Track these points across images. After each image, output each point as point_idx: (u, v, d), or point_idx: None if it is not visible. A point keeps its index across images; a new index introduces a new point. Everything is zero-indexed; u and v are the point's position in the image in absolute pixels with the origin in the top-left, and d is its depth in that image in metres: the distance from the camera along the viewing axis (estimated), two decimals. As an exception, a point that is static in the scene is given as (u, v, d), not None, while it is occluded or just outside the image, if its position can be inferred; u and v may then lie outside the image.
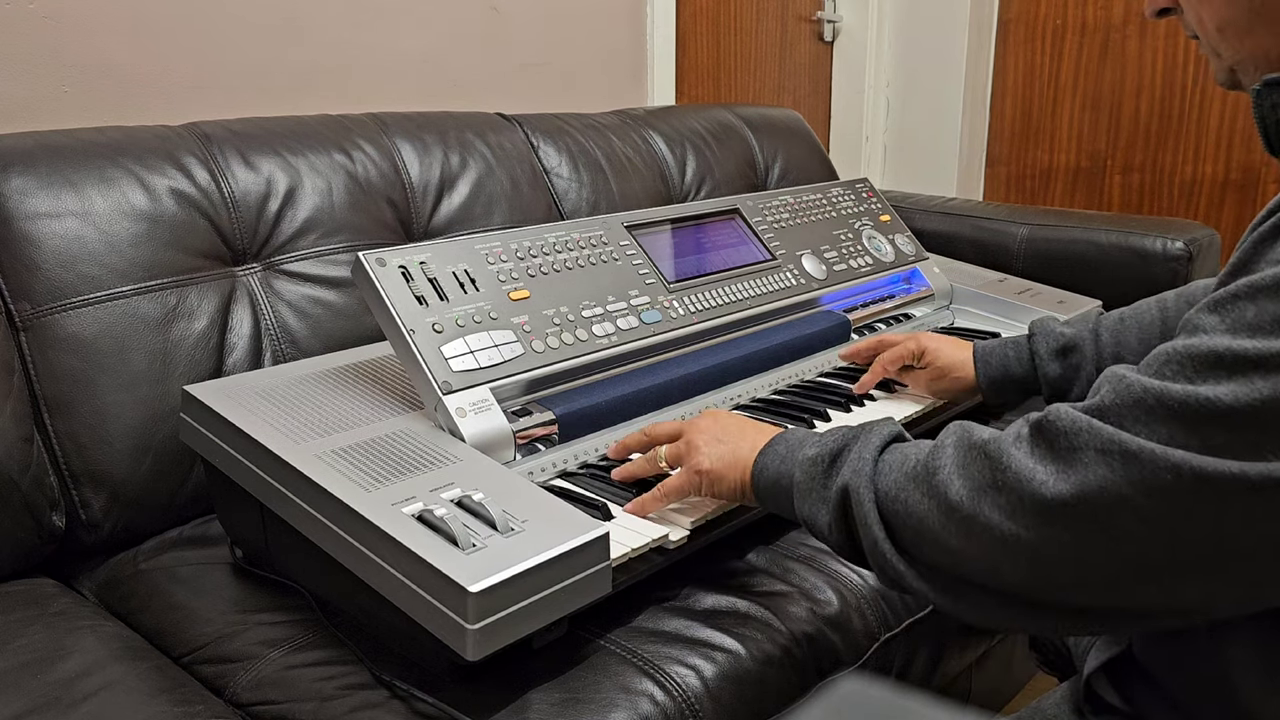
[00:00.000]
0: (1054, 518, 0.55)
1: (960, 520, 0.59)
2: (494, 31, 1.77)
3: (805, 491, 0.71)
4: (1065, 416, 0.56)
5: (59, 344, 1.00)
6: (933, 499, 0.61)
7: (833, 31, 2.75)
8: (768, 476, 0.76)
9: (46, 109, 1.25)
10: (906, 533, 0.63)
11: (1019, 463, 0.57)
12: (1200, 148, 2.48)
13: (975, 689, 1.18)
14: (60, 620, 0.85)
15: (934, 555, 0.62)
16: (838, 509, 0.68)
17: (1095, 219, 1.79)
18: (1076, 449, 0.54)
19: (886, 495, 0.64)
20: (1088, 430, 0.54)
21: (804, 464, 0.72)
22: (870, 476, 0.66)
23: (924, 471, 0.62)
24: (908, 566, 0.63)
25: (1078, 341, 1.03)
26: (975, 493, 0.58)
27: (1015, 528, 0.56)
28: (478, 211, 1.39)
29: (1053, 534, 0.55)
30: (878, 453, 0.67)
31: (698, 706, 0.76)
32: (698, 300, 1.12)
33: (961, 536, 0.59)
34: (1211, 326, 0.53)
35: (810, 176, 1.96)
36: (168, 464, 1.04)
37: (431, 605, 0.67)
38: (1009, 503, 0.57)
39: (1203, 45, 0.69)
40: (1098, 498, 0.53)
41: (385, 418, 0.87)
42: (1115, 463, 0.52)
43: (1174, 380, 0.52)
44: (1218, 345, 0.51)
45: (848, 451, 0.69)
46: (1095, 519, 0.53)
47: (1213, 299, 0.54)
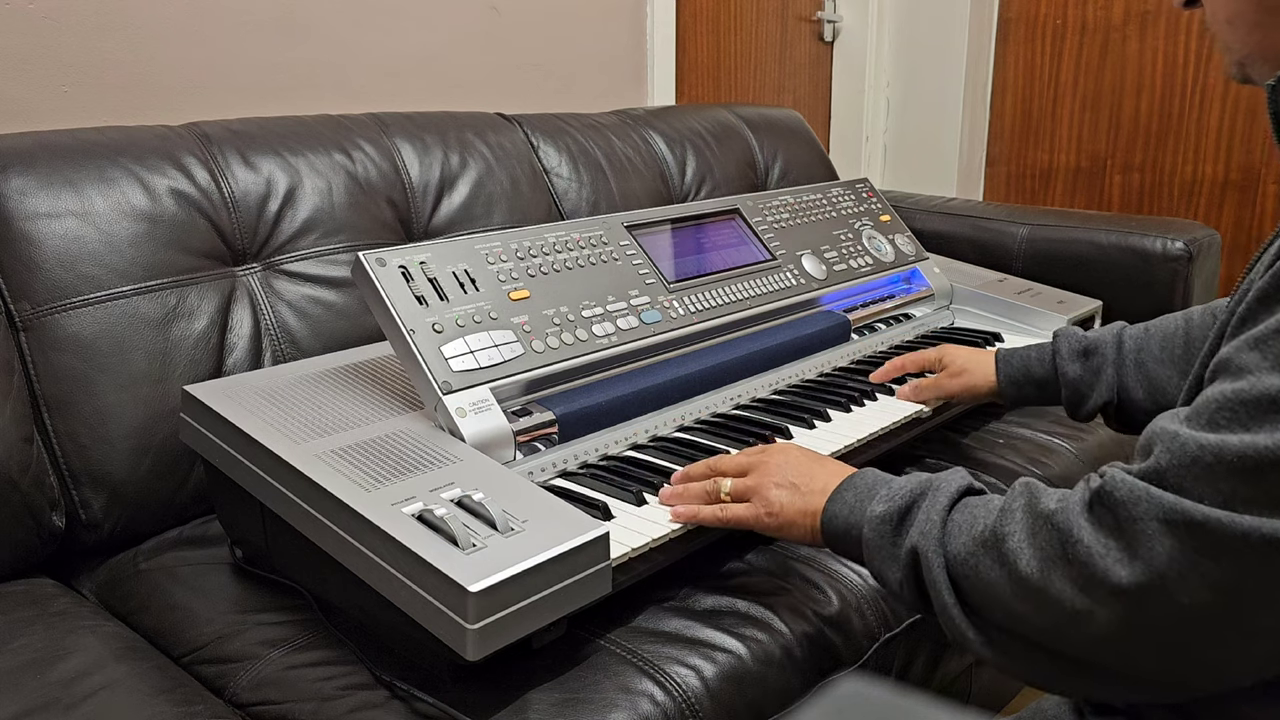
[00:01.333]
0: (1126, 596, 0.54)
1: (1031, 591, 0.58)
2: (494, 31, 1.77)
3: (875, 550, 0.70)
4: (1123, 486, 0.55)
5: (59, 344, 1.00)
6: (1003, 568, 0.60)
7: (833, 31, 2.75)
8: (836, 527, 0.75)
9: (46, 109, 1.25)
10: (976, 596, 0.63)
11: (1088, 536, 0.56)
12: (1200, 148, 2.48)
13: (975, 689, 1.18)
14: (60, 620, 0.85)
15: (1003, 620, 0.61)
16: (908, 569, 0.67)
17: (1095, 219, 1.79)
18: (1138, 520, 0.53)
19: (956, 559, 0.64)
20: (1147, 499, 0.53)
21: (873, 521, 0.71)
22: (939, 539, 0.65)
23: (993, 539, 0.62)
24: (977, 632, 0.63)
25: (1099, 345, 1.03)
26: (1045, 565, 0.58)
27: (1088, 603, 0.56)
28: (478, 211, 1.39)
29: (1125, 611, 0.54)
30: (946, 512, 0.67)
31: (698, 706, 0.76)
32: (698, 300, 1.12)
33: (1032, 607, 0.59)
34: (1256, 366, 0.51)
35: (810, 176, 1.96)
36: (168, 464, 1.04)
37: (431, 605, 0.67)
38: (1080, 576, 0.56)
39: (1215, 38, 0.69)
40: (1168, 572, 0.52)
41: (385, 418, 0.87)
42: (1182, 535, 0.51)
43: (1229, 430, 0.51)
44: (1269, 388, 0.50)
45: (916, 509, 0.68)
46: (1167, 594, 0.52)
47: (1253, 336, 0.52)
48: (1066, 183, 2.71)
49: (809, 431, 1.04)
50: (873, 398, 1.15)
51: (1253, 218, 2.45)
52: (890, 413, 1.10)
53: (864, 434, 1.04)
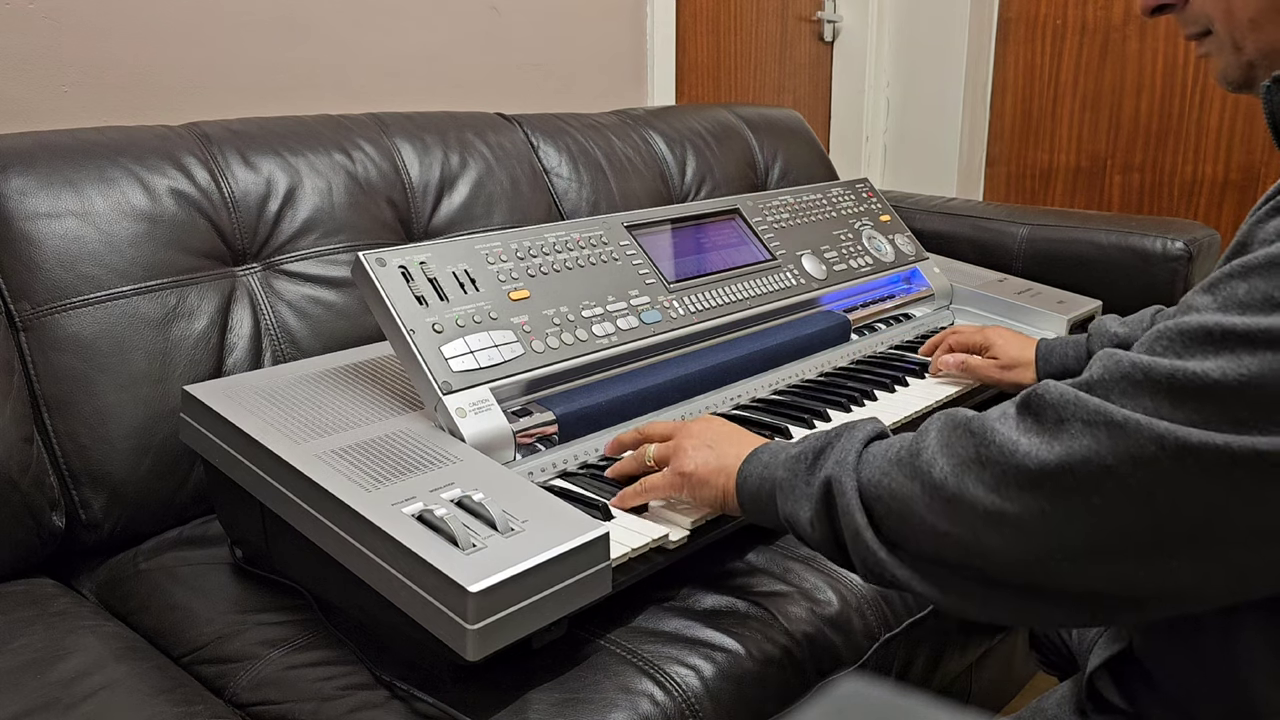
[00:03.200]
0: (1037, 487, 0.54)
1: (945, 499, 0.58)
2: (494, 31, 1.77)
3: (789, 489, 0.70)
4: (1053, 390, 0.56)
5: (59, 344, 1.00)
6: (916, 480, 0.60)
7: (833, 31, 2.75)
8: (751, 484, 0.75)
9: (46, 109, 1.25)
10: (891, 519, 0.62)
11: (1003, 436, 0.57)
12: (1200, 148, 2.48)
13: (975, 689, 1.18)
14: (60, 620, 0.85)
15: (919, 540, 0.61)
16: (820, 502, 0.67)
17: (1095, 219, 1.79)
18: (1063, 421, 0.54)
19: (869, 482, 0.64)
20: (1074, 402, 0.54)
21: (787, 463, 0.71)
22: (854, 466, 0.65)
23: (908, 455, 0.62)
24: (890, 554, 0.63)
25: (1132, 340, 1.04)
26: (959, 469, 0.58)
27: (999, 501, 0.56)
28: (478, 211, 1.39)
29: (1036, 504, 0.54)
30: (862, 445, 0.67)
31: (698, 706, 0.76)
32: (698, 300, 1.12)
33: (946, 516, 0.58)
34: (1204, 305, 0.53)
35: (810, 176, 1.96)
36: (168, 464, 1.04)
37: (431, 605, 0.67)
38: (993, 476, 0.56)
39: (1213, 41, 0.67)
40: (1081, 467, 0.53)
41: (385, 418, 0.87)
42: (1100, 433, 0.52)
43: (1163, 355, 0.53)
44: (1207, 321, 0.51)
45: (831, 447, 0.69)
46: (1079, 489, 0.53)
47: (1208, 280, 0.54)
48: (1066, 183, 2.71)
49: (809, 432, 1.04)
50: (872, 397, 1.15)
51: (1253, 218, 2.44)
52: (890, 413, 1.10)
53: (864, 434, 1.04)
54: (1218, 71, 0.68)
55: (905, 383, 1.20)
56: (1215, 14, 0.66)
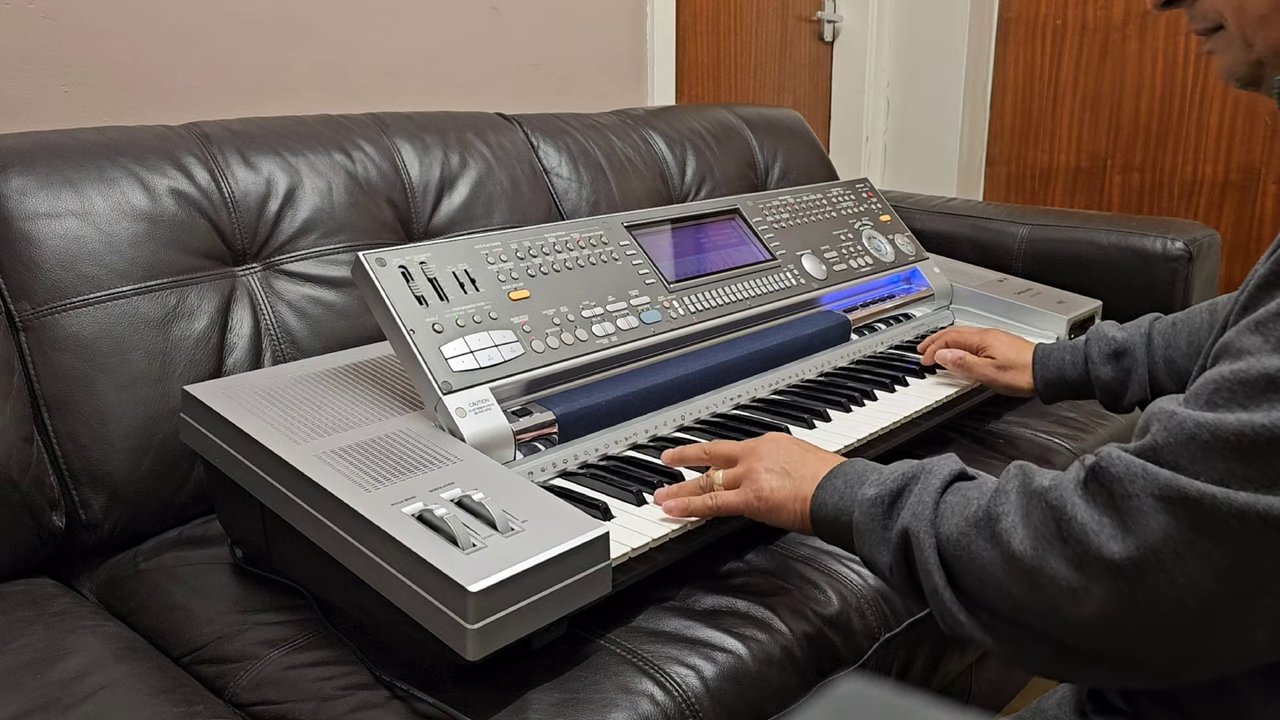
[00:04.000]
0: (1119, 573, 0.53)
1: (1025, 571, 0.57)
2: (494, 31, 1.77)
3: (865, 533, 0.69)
4: (1119, 463, 0.54)
5: (59, 344, 1.00)
6: (996, 548, 0.59)
7: (833, 31, 2.75)
8: (826, 513, 0.74)
9: (46, 109, 1.25)
10: (969, 579, 0.62)
11: (1083, 513, 0.55)
12: (1200, 148, 2.48)
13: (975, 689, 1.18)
14: (60, 620, 0.85)
15: (997, 603, 0.60)
16: (899, 552, 0.66)
17: (1095, 219, 1.79)
18: (1132, 496, 0.53)
19: (948, 540, 0.63)
20: (1143, 476, 0.52)
21: (863, 504, 0.70)
22: (931, 520, 0.64)
23: (986, 519, 0.61)
24: (969, 616, 0.62)
25: (1129, 346, 1.04)
26: (1039, 544, 0.57)
27: (1082, 580, 0.55)
28: (478, 211, 1.39)
29: (1119, 587, 0.53)
30: (939, 494, 0.66)
31: (698, 706, 0.76)
32: (698, 300, 1.12)
33: (1026, 587, 0.58)
34: (1256, 348, 0.51)
35: (810, 176, 1.96)
36: (168, 464, 1.04)
37: (431, 605, 0.67)
38: (1075, 554, 0.55)
39: (1222, 37, 0.67)
40: (1163, 548, 0.51)
41: (385, 418, 0.87)
42: (1177, 511, 0.51)
43: (1226, 409, 0.51)
44: (1268, 368, 0.49)
45: (908, 492, 0.68)
46: (1162, 570, 0.52)
47: (1254, 320, 0.52)
48: (1066, 183, 2.71)
49: (809, 431, 1.04)
50: (873, 397, 1.15)
51: (1253, 218, 2.45)
52: (890, 413, 1.10)
53: (864, 434, 1.04)
54: (1225, 68, 0.68)
55: (905, 383, 1.20)
56: (1226, 10, 0.65)
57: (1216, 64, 0.69)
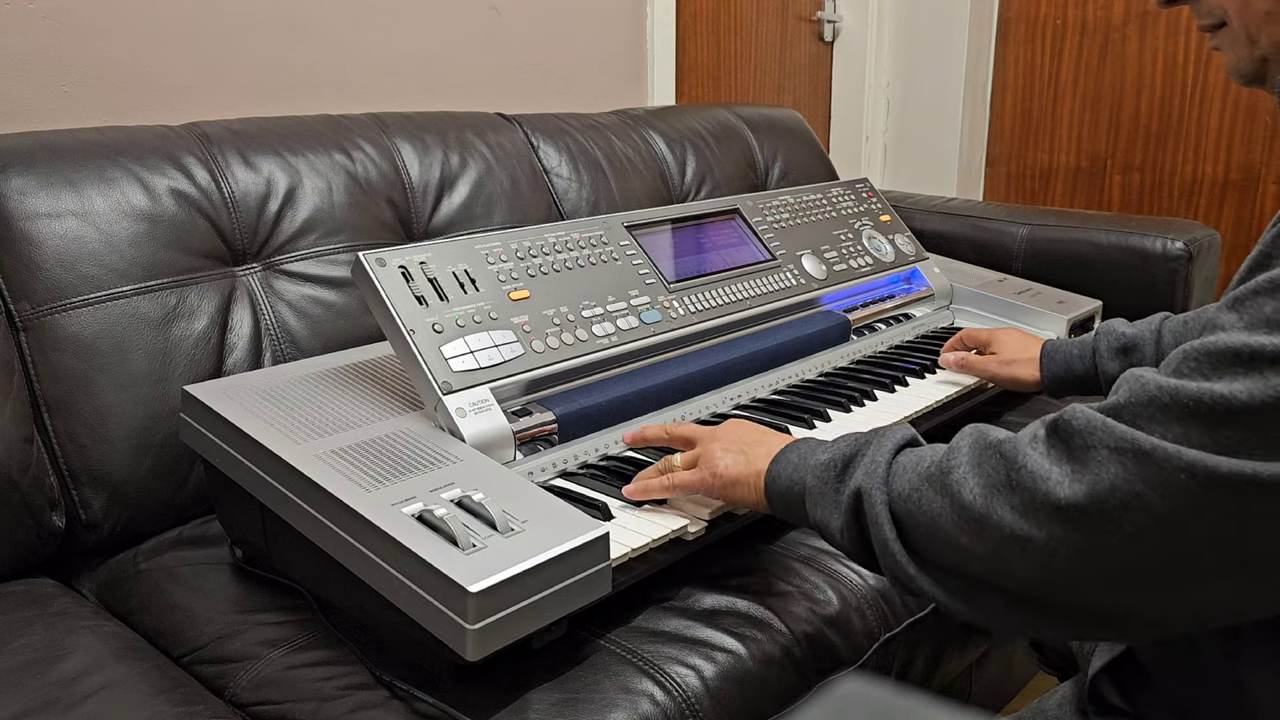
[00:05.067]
0: (1067, 517, 0.54)
1: (973, 520, 0.58)
2: (494, 31, 1.77)
3: (818, 496, 0.71)
4: (1080, 416, 0.55)
5: (59, 344, 1.00)
6: (946, 498, 0.60)
7: (833, 31, 2.75)
8: (780, 484, 0.75)
9: (46, 109, 1.25)
10: (918, 533, 0.63)
11: (1034, 462, 0.56)
12: (1200, 148, 2.48)
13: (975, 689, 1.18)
14: (60, 620, 0.85)
15: (945, 555, 0.61)
16: (850, 512, 0.67)
17: (1095, 219, 1.79)
18: (1090, 448, 0.54)
19: (899, 496, 0.64)
20: (1102, 429, 0.54)
21: (816, 469, 0.71)
22: (884, 479, 0.65)
23: (938, 472, 0.62)
24: (918, 569, 0.63)
25: (1139, 341, 1.04)
26: (989, 491, 0.58)
27: (1028, 527, 0.56)
28: (478, 211, 1.39)
29: (1065, 534, 0.54)
30: (891, 455, 0.67)
31: (698, 706, 0.76)
32: (698, 300, 1.12)
33: (974, 536, 0.59)
34: (1230, 324, 0.52)
35: (810, 176, 1.96)
36: (168, 464, 1.04)
37: (431, 605, 0.67)
38: (1022, 502, 0.56)
39: (1227, 34, 0.67)
40: (1110, 497, 0.52)
41: (385, 418, 0.87)
42: (1129, 461, 0.52)
43: (1190, 378, 0.52)
44: (1234, 341, 0.51)
45: (861, 456, 0.69)
46: (1108, 518, 0.53)
47: (1232, 296, 0.53)
48: (1066, 183, 2.71)
49: (809, 432, 1.04)
50: (872, 397, 1.15)
51: (1253, 218, 2.45)
52: (890, 413, 1.10)
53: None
54: (1229, 65, 0.68)
55: (905, 383, 1.20)
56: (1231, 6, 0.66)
57: (1222, 60, 0.69)
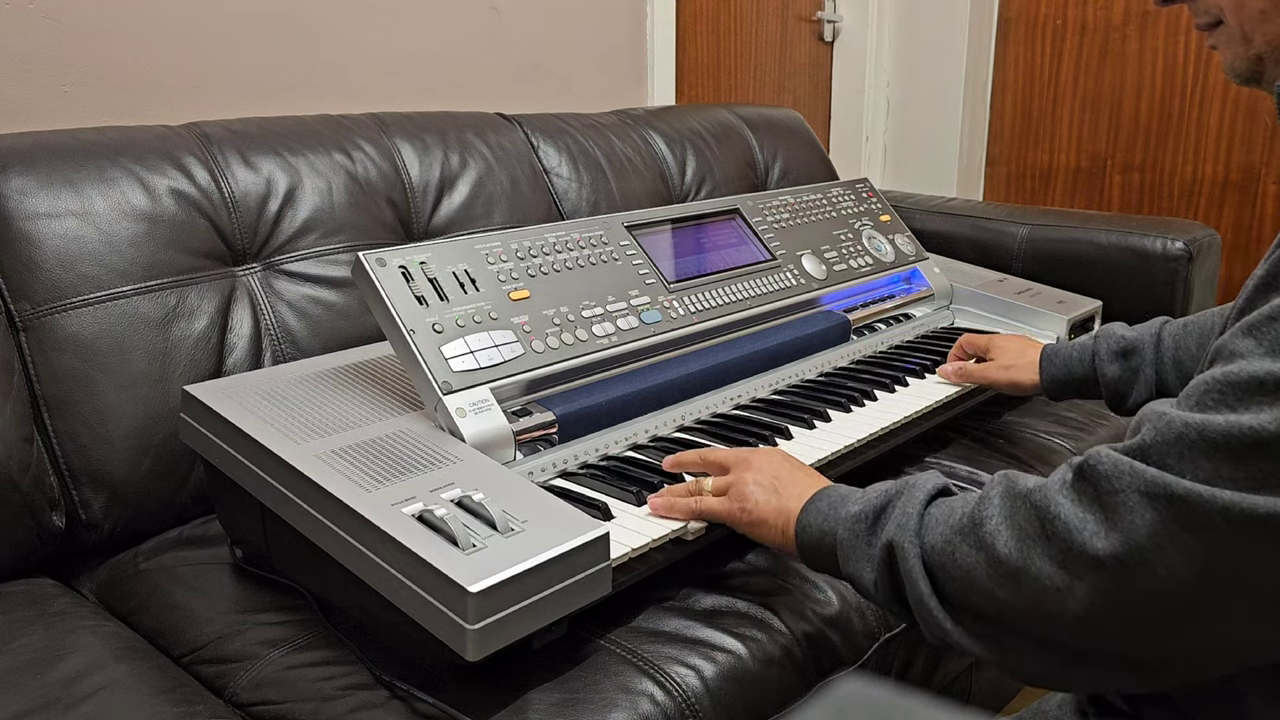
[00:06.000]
0: (1103, 568, 0.54)
1: (1009, 572, 0.58)
2: (494, 31, 1.77)
3: (849, 550, 0.70)
4: (1107, 460, 0.55)
5: (59, 344, 1.00)
6: (980, 551, 0.60)
7: (833, 31, 2.75)
8: (810, 535, 0.74)
9: (46, 109, 1.25)
10: (953, 586, 0.62)
11: (1067, 512, 0.56)
12: (1200, 148, 2.48)
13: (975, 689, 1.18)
14: (60, 620, 0.85)
15: (982, 607, 0.61)
16: (883, 565, 0.67)
17: (1095, 219, 1.79)
18: (1119, 492, 0.53)
19: (933, 549, 0.63)
20: (1130, 474, 0.53)
21: (847, 521, 0.71)
22: (916, 531, 0.65)
23: (970, 524, 0.62)
24: (954, 623, 0.63)
25: (1138, 344, 1.03)
26: (1024, 544, 0.58)
27: (1066, 578, 0.55)
28: (478, 211, 1.39)
29: (1102, 583, 0.54)
30: (923, 507, 0.66)
31: (698, 706, 0.76)
32: (698, 300, 1.12)
33: (1010, 588, 0.58)
34: (1249, 351, 0.52)
35: (810, 176, 1.96)
36: (168, 464, 1.04)
37: (431, 605, 0.67)
38: (1059, 552, 0.56)
39: (1223, 33, 0.67)
40: (1147, 544, 0.52)
41: (385, 418, 0.87)
42: (1161, 506, 0.51)
43: (1215, 411, 0.51)
44: (1258, 370, 0.50)
45: (892, 507, 0.68)
46: (1145, 565, 0.52)
47: (1247, 323, 0.53)
48: (1066, 183, 2.71)
49: (809, 431, 1.04)
50: (872, 397, 1.15)
51: (1253, 218, 2.45)
52: (890, 413, 1.10)
53: (864, 434, 1.04)
54: (1226, 63, 0.68)
55: (905, 383, 1.20)
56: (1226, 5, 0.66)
57: (1219, 59, 0.69)
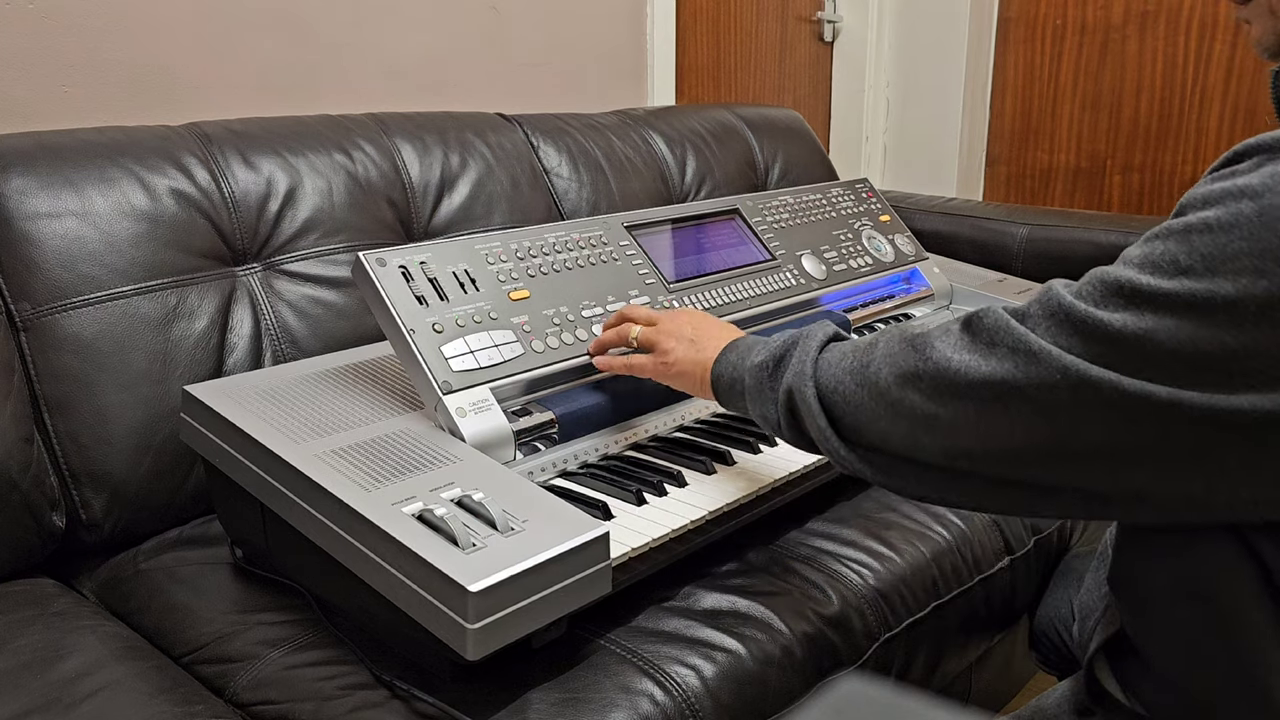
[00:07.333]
0: (964, 396, 0.62)
1: (888, 404, 0.67)
2: (494, 31, 1.77)
3: (755, 394, 0.79)
4: (991, 315, 0.63)
5: (59, 344, 1.00)
6: (864, 388, 0.69)
7: (833, 31, 2.75)
8: (724, 381, 0.83)
9: (47, 109, 1.25)
10: (846, 419, 0.71)
11: (940, 352, 0.64)
12: (1200, 148, 2.48)
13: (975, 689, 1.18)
14: (60, 620, 0.85)
15: (869, 437, 0.70)
16: (785, 407, 0.76)
17: (1095, 219, 1.79)
18: (995, 344, 0.62)
19: (826, 389, 0.72)
20: (1006, 329, 0.61)
21: (753, 370, 0.80)
22: (811, 375, 0.74)
23: (858, 365, 0.71)
24: (849, 451, 0.71)
25: None
26: (900, 379, 0.66)
27: (934, 407, 0.64)
28: (478, 211, 1.39)
29: (963, 410, 0.62)
30: (817, 353, 0.75)
31: (698, 706, 0.76)
32: (698, 300, 1.12)
33: (888, 418, 0.67)
34: (1130, 258, 0.59)
35: (810, 176, 1.96)
36: (168, 464, 1.04)
37: (431, 605, 0.67)
38: (929, 385, 0.64)
39: (1253, 8, 0.69)
40: (1001, 384, 0.60)
41: (385, 418, 0.87)
42: (1020, 358, 0.60)
43: (1085, 300, 0.59)
44: (1122, 276, 0.57)
45: (790, 355, 0.77)
46: (998, 400, 0.61)
47: (1148, 233, 0.60)
48: (1066, 183, 2.71)
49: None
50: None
51: (1253, 218, 2.44)
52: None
53: (864, 434, 1.04)
54: (1255, 38, 0.71)
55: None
56: None
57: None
